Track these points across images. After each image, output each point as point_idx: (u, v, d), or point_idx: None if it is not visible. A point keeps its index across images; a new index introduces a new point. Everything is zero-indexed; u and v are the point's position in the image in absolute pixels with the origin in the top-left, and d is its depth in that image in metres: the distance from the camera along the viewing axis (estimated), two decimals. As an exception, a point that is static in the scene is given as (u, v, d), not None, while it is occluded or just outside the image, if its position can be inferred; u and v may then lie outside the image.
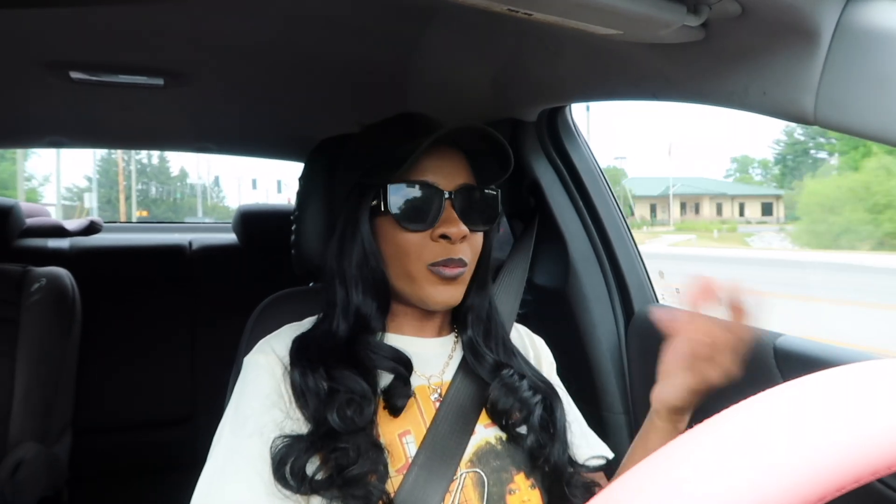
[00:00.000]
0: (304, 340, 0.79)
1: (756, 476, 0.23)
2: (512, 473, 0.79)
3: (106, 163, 30.26)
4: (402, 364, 0.78)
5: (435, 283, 0.79)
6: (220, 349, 2.11)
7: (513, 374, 0.83)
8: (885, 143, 0.61)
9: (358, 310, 0.79)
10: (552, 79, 1.12)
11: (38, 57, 1.24)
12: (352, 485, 0.68)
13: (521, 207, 1.37)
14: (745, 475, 0.23)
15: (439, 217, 0.78)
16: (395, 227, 0.79)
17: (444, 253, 0.78)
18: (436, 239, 0.78)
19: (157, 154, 32.50)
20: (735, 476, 0.23)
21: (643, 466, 0.25)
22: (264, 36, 1.16)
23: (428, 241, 0.78)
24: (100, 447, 2.04)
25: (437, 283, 0.79)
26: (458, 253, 0.78)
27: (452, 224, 0.77)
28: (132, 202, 29.40)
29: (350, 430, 0.70)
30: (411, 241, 0.78)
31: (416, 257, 0.78)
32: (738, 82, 0.75)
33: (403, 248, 0.78)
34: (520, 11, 0.66)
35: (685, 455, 0.25)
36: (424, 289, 0.79)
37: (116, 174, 29.39)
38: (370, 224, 0.80)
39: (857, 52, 0.61)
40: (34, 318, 1.62)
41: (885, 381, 0.26)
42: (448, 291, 0.80)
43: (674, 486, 0.24)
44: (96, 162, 28.72)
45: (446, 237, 0.77)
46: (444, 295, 0.79)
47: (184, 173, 36.84)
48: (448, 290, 0.80)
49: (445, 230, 0.77)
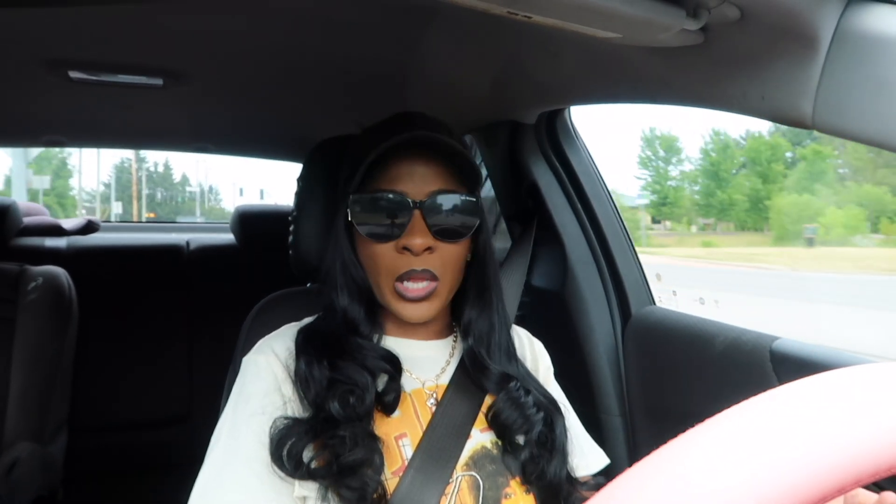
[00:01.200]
0: (311, 332, 0.80)
1: (755, 477, 0.23)
2: (508, 478, 0.79)
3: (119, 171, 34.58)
4: (389, 363, 0.78)
5: (401, 302, 0.77)
6: (217, 349, 2.10)
7: (519, 388, 0.82)
8: (884, 147, 0.61)
9: (345, 313, 0.79)
10: (551, 81, 1.12)
11: (37, 56, 1.24)
12: (347, 474, 0.68)
13: (520, 209, 1.37)
14: (743, 477, 0.23)
15: (406, 227, 0.75)
16: (363, 238, 0.78)
17: (407, 265, 0.76)
18: (400, 250, 0.76)
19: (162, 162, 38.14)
20: (734, 477, 0.23)
21: (642, 466, 0.25)
22: (263, 36, 1.16)
23: (394, 253, 0.77)
24: (96, 446, 2.03)
25: (402, 301, 0.77)
26: (421, 264, 0.76)
27: (417, 235, 0.75)
28: (143, 204, 33.60)
29: (349, 419, 0.70)
30: (378, 252, 0.77)
31: (384, 271, 0.77)
32: (737, 86, 0.75)
33: (372, 259, 0.78)
34: (519, 14, 0.66)
35: (683, 456, 0.25)
36: (393, 305, 0.78)
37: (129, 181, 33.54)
38: (348, 233, 0.80)
39: (855, 57, 0.62)
40: (31, 318, 1.61)
41: (883, 383, 0.26)
42: (416, 309, 0.78)
43: (673, 486, 0.24)
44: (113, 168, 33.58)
45: (408, 249, 0.75)
46: (412, 312, 0.78)
47: (185, 179, 41.40)
48: (417, 308, 0.77)
49: (407, 242, 0.75)
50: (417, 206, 0.76)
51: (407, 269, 0.76)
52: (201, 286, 2.25)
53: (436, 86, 1.34)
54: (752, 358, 0.92)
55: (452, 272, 0.80)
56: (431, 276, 0.77)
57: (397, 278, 0.76)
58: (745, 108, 0.75)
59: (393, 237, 0.76)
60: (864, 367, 0.28)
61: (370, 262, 0.79)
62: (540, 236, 1.30)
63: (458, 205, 0.78)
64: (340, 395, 0.72)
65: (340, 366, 0.75)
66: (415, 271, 0.75)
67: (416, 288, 0.76)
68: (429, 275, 0.77)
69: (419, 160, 0.78)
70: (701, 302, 3.14)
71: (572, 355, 1.29)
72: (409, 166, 0.77)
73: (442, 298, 0.80)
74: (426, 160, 0.78)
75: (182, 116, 1.85)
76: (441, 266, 0.78)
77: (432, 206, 0.76)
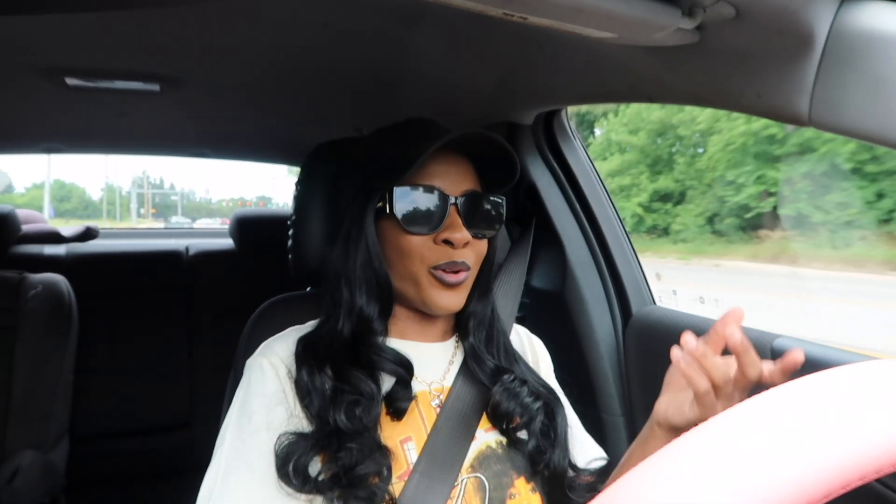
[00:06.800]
0: (311, 340, 0.79)
1: (760, 474, 0.23)
2: (512, 478, 0.79)
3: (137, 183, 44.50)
4: (403, 367, 0.78)
5: (437, 288, 0.79)
6: (218, 354, 2.11)
7: (514, 380, 0.83)
8: (880, 144, 0.61)
9: (361, 311, 0.79)
10: (548, 82, 1.12)
11: (33, 63, 1.24)
12: (356, 485, 0.68)
13: (518, 211, 1.37)
14: (748, 474, 0.23)
15: (444, 222, 0.78)
16: (398, 229, 0.79)
17: (447, 256, 0.78)
18: (439, 243, 0.78)
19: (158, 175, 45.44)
20: (738, 475, 0.23)
21: (645, 466, 0.25)
22: (260, 41, 1.16)
23: (431, 245, 0.78)
24: (97, 454, 2.03)
25: (439, 287, 0.79)
26: (461, 257, 0.79)
27: (456, 230, 0.78)
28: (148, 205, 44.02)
29: (356, 430, 0.70)
30: (414, 243, 0.78)
31: (418, 259, 0.78)
32: (733, 85, 0.75)
33: (406, 250, 0.78)
34: (515, 15, 0.66)
35: (687, 455, 0.25)
36: (427, 292, 0.79)
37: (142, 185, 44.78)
38: (375, 226, 0.80)
39: (851, 54, 0.62)
40: (31, 325, 1.61)
41: (885, 380, 0.26)
42: (450, 297, 0.80)
43: (676, 485, 0.23)
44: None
45: (449, 242, 0.78)
46: (445, 300, 0.80)
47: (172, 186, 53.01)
48: (450, 295, 0.80)
49: (449, 235, 0.77)
50: (455, 202, 0.79)
51: (448, 261, 0.78)
52: (201, 292, 2.25)
53: (432, 88, 1.34)
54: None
55: (478, 266, 0.83)
56: (466, 266, 0.80)
57: (435, 267, 0.78)
58: (742, 105, 0.76)
59: (432, 230, 0.78)
60: (866, 365, 0.28)
61: (403, 254, 0.79)
62: (539, 237, 1.30)
63: (488, 204, 0.83)
64: (346, 406, 0.71)
65: (344, 374, 0.74)
66: (456, 263, 0.78)
67: (456, 275, 0.79)
68: (465, 266, 0.79)
69: (452, 159, 0.81)
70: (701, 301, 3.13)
71: (573, 356, 1.29)
72: (445, 165, 0.80)
73: (467, 291, 0.83)
74: (457, 160, 0.81)
75: (179, 122, 1.85)
76: (475, 260, 0.81)
77: (468, 204, 0.80)
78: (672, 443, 0.26)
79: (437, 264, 0.78)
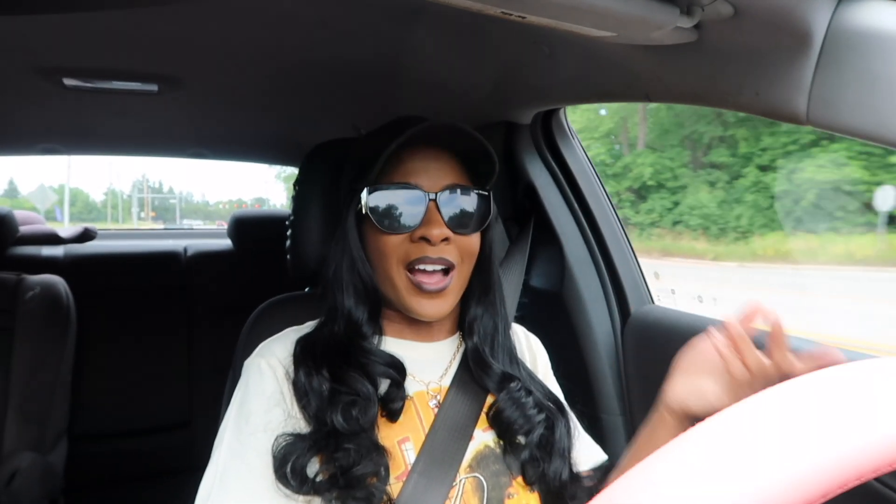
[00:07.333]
0: (309, 341, 0.79)
1: (759, 472, 0.23)
2: (510, 477, 0.79)
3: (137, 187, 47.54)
4: (395, 369, 0.77)
5: (416, 295, 0.77)
6: (216, 355, 2.10)
7: (520, 389, 0.82)
8: (878, 142, 0.61)
9: (349, 314, 0.79)
10: (547, 81, 1.12)
11: (31, 64, 1.24)
12: (354, 486, 0.67)
13: (517, 210, 1.37)
14: (749, 472, 0.23)
15: (422, 219, 0.76)
16: (376, 230, 0.78)
17: (420, 251, 0.76)
18: (416, 240, 0.77)
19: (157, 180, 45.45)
20: (739, 473, 0.23)
21: (648, 463, 0.25)
22: (258, 40, 1.15)
23: (409, 244, 0.77)
24: (95, 455, 2.02)
25: (417, 294, 0.77)
26: (438, 253, 0.76)
27: (434, 226, 0.76)
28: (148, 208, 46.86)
29: (354, 431, 0.70)
30: (391, 243, 0.77)
31: (395, 260, 0.77)
32: (731, 83, 0.75)
33: (383, 251, 0.78)
34: (513, 14, 0.66)
35: (689, 452, 0.25)
36: (406, 299, 0.78)
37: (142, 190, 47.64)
38: (358, 229, 0.80)
39: (848, 53, 0.62)
40: (29, 327, 1.61)
41: (885, 378, 0.26)
42: (431, 305, 0.78)
43: (678, 482, 0.23)
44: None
45: (426, 239, 0.76)
46: (426, 308, 0.78)
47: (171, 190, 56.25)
48: (431, 303, 0.78)
49: (425, 232, 0.76)
50: (433, 198, 0.77)
51: (420, 255, 0.76)
52: (199, 292, 2.25)
53: (430, 88, 1.33)
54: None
55: (468, 263, 0.81)
56: (448, 263, 0.77)
57: (410, 266, 0.77)
58: (740, 104, 0.76)
59: (409, 228, 0.77)
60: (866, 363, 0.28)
61: (381, 255, 0.78)
62: (537, 236, 1.30)
63: (471, 198, 0.80)
64: (343, 407, 0.71)
65: (341, 375, 0.74)
66: (429, 257, 0.76)
67: (432, 280, 0.77)
68: (445, 262, 0.77)
69: (432, 155, 0.79)
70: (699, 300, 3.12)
71: (572, 355, 1.29)
72: (423, 161, 0.78)
73: (455, 295, 0.80)
74: (438, 155, 0.79)
75: (178, 122, 1.85)
76: (458, 256, 0.79)
77: (447, 199, 0.78)
78: (670, 443, 0.26)
79: (411, 260, 0.76)
